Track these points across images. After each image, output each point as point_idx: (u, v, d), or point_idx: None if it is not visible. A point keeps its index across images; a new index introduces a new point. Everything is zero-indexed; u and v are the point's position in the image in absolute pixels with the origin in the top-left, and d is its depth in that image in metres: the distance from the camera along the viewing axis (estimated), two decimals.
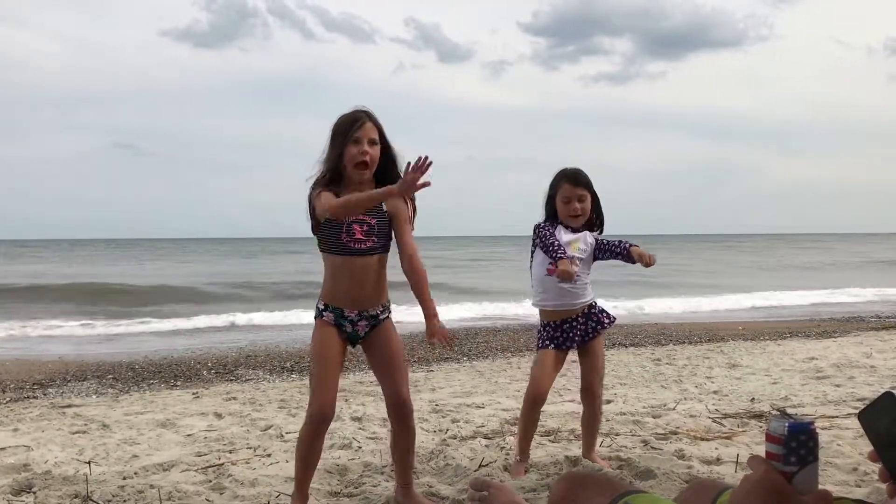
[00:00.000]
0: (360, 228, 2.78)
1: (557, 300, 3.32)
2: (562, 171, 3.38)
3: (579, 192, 3.31)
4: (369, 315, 2.86)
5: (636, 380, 6.05)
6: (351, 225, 2.77)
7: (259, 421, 4.71)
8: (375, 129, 2.78)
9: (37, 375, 7.17)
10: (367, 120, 2.78)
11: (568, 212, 3.32)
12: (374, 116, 2.81)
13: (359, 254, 2.79)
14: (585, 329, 3.35)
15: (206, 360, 8.11)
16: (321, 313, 2.85)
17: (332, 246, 2.80)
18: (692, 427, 4.17)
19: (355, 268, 2.80)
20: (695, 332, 10.16)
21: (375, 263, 2.83)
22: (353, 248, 2.78)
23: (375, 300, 2.87)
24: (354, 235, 2.77)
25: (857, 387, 5.33)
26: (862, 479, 3.04)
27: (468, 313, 14.26)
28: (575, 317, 3.33)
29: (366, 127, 2.76)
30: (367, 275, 2.82)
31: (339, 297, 2.83)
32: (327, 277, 2.86)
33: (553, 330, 3.35)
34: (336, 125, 2.81)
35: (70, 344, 10.25)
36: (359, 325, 2.85)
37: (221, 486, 3.23)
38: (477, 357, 8.10)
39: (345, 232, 2.77)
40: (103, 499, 3.06)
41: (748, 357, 7.27)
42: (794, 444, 1.10)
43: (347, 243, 2.77)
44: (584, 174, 3.36)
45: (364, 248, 2.79)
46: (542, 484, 3.09)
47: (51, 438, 4.34)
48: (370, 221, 2.80)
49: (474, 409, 4.87)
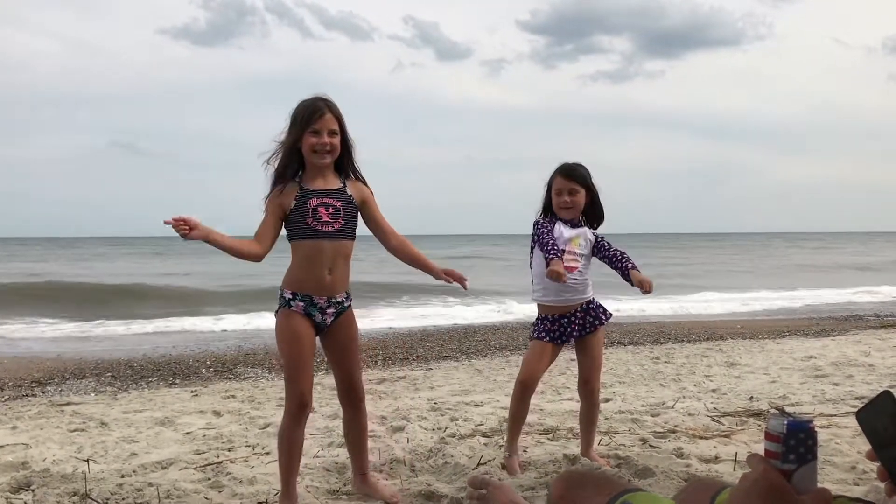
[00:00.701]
0: (325, 211, 2.80)
1: (557, 296, 3.33)
2: (560, 165, 3.41)
3: (570, 186, 3.32)
4: (336, 302, 2.88)
5: (635, 378, 6.05)
6: (316, 209, 2.79)
7: (258, 419, 4.71)
8: (335, 120, 2.80)
9: (35, 373, 7.17)
10: (328, 111, 2.78)
11: (558, 204, 3.35)
12: (334, 106, 2.82)
13: (327, 237, 2.80)
14: (583, 324, 3.36)
15: (205, 359, 8.11)
16: (289, 303, 2.84)
17: (300, 231, 2.81)
18: (691, 425, 4.17)
19: (325, 251, 2.81)
20: (693, 330, 10.16)
21: (343, 248, 2.86)
22: (322, 231, 2.80)
23: (342, 286, 2.89)
24: (321, 218, 2.79)
25: (855, 385, 5.33)
26: (860, 477, 3.04)
27: (467, 311, 14.26)
28: (573, 311, 3.34)
29: (325, 118, 2.77)
30: (336, 259, 2.84)
31: (307, 283, 2.84)
32: (295, 266, 2.87)
33: (551, 323, 3.35)
34: (295, 112, 2.81)
35: (68, 342, 10.25)
36: (327, 313, 2.87)
37: (220, 484, 3.22)
38: (476, 355, 8.10)
39: (311, 216, 2.78)
40: (102, 497, 3.06)
41: (747, 356, 7.28)
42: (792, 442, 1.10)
43: (315, 226, 2.79)
44: (581, 169, 3.38)
45: (332, 231, 2.81)
46: (541, 482, 3.09)
47: (49, 436, 4.33)
48: (335, 204, 2.83)
49: (473, 408, 4.87)
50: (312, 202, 2.79)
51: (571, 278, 3.24)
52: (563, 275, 3.07)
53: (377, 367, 7.40)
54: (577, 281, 3.29)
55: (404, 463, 3.52)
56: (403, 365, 7.48)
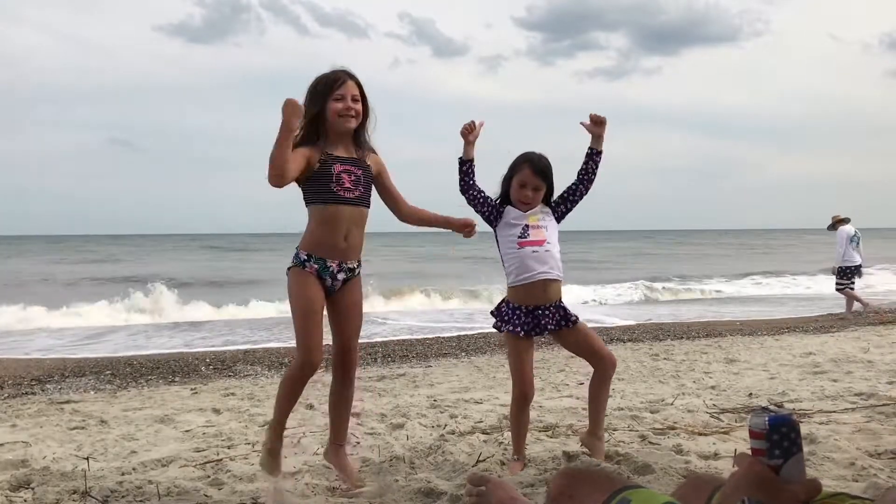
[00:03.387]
0: (348, 178, 2.86)
1: (528, 272, 3.21)
2: (526, 154, 3.31)
3: (536, 182, 3.26)
4: (348, 268, 2.94)
5: (634, 375, 6.06)
6: (340, 175, 2.85)
7: (257, 416, 4.72)
8: (357, 87, 2.88)
9: (35, 371, 7.17)
10: (349, 78, 2.87)
11: (519, 196, 3.28)
12: (354, 75, 2.90)
13: (348, 203, 2.87)
14: (558, 319, 3.26)
15: (205, 356, 8.11)
16: (303, 263, 2.88)
17: (322, 195, 2.85)
18: (690, 422, 4.17)
19: (343, 217, 2.87)
20: (692, 327, 10.17)
21: (361, 215, 2.93)
22: (343, 198, 2.86)
23: (355, 253, 2.95)
24: (344, 184, 2.85)
25: (854, 382, 5.33)
26: (859, 473, 3.05)
27: (466, 307, 14.28)
28: (547, 306, 3.25)
29: (348, 84, 2.85)
30: (352, 226, 2.90)
31: (324, 247, 2.88)
32: (313, 228, 2.90)
33: (525, 315, 3.25)
34: (315, 83, 2.87)
35: (67, 339, 10.25)
36: (338, 279, 2.92)
37: (220, 482, 3.23)
38: (475, 353, 8.10)
39: (334, 181, 2.84)
40: (102, 494, 3.06)
41: (746, 352, 7.28)
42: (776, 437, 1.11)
43: (338, 192, 2.85)
44: (548, 163, 3.31)
45: (353, 198, 2.88)
46: (540, 479, 3.09)
47: (49, 434, 4.34)
48: (357, 172, 2.90)
49: (472, 405, 4.88)
50: (337, 168, 2.85)
51: (544, 249, 3.22)
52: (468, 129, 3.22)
53: (376, 364, 7.41)
54: (549, 252, 3.23)
55: (404, 460, 3.52)
56: (403, 362, 7.49)
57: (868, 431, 3.78)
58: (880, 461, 3.27)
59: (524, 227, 3.26)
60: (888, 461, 3.28)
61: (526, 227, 3.26)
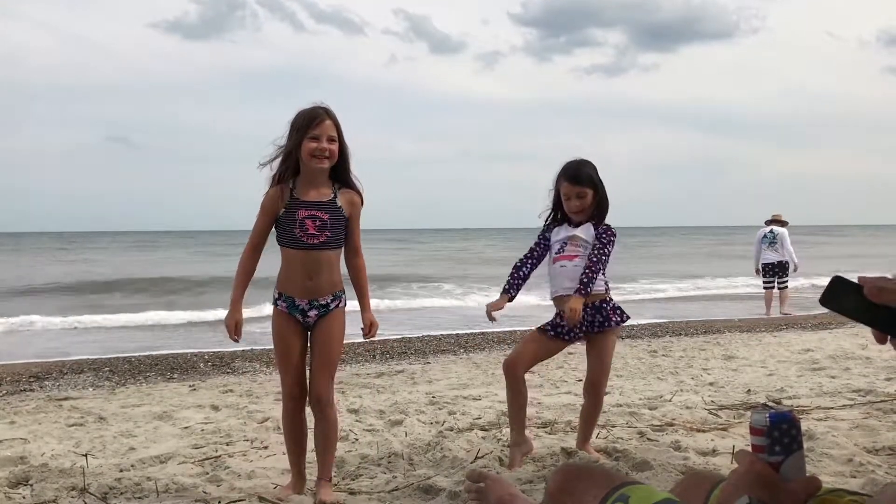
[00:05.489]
0: (312, 224, 2.88)
1: (558, 285, 3.36)
2: (564, 168, 3.40)
3: (577, 190, 3.34)
4: (319, 304, 2.95)
5: (632, 371, 6.06)
6: (304, 221, 2.87)
7: (256, 413, 4.72)
8: (334, 127, 2.87)
9: (33, 368, 7.16)
10: (327, 118, 2.86)
11: (569, 208, 3.39)
12: (333, 114, 2.90)
13: (311, 248, 2.89)
14: (592, 321, 3.34)
15: (203, 353, 8.10)
16: (276, 301, 2.99)
17: (286, 239, 2.91)
18: (688, 419, 4.18)
19: (307, 260, 2.90)
20: (691, 323, 10.18)
21: (327, 258, 2.93)
22: (306, 243, 2.88)
23: (327, 290, 2.95)
24: (308, 230, 2.88)
25: (852, 378, 5.34)
26: (857, 469, 3.05)
27: (465, 304, 14.28)
28: (583, 308, 3.30)
29: (325, 124, 2.85)
30: (319, 267, 2.92)
31: (291, 286, 2.94)
32: (282, 267, 2.98)
33: (560, 318, 3.36)
34: (295, 119, 2.89)
35: (66, 337, 10.24)
36: (309, 315, 2.95)
37: (218, 479, 3.23)
38: (474, 349, 8.10)
39: (298, 227, 2.87)
40: (100, 491, 3.06)
41: (744, 349, 7.29)
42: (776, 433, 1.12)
43: (300, 237, 2.88)
44: (586, 169, 3.37)
45: (317, 244, 2.89)
46: (539, 475, 3.10)
47: (47, 431, 4.34)
48: (322, 217, 2.90)
49: (471, 401, 4.88)
50: (301, 213, 2.87)
51: (572, 265, 3.31)
52: (497, 308, 3.30)
53: (375, 361, 7.41)
54: (578, 267, 3.31)
55: (402, 457, 3.52)
56: (401, 359, 7.48)
57: (866, 428, 3.79)
58: (878, 457, 3.28)
59: (563, 244, 3.37)
60: (886, 457, 3.29)
61: (565, 244, 3.37)
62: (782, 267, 11.42)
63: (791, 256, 11.40)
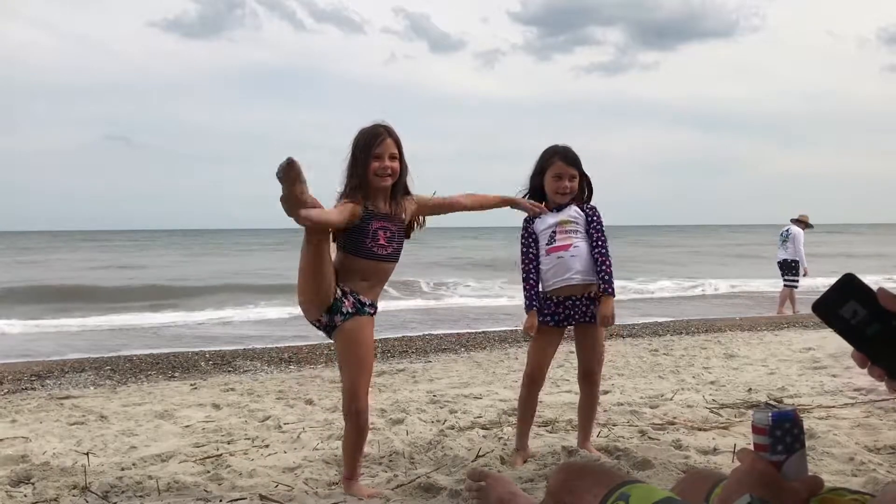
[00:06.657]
0: (384, 234, 2.95)
1: (556, 277, 3.33)
2: (553, 148, 3.40)
3: (571, 171, 3.34)
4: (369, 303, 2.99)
5: (633, 370, 6.06)
6: (377, 231, 2.93)
7: (257, 412, 4.72)
8: (395, 145, 2.95)
9: (34, 367, 7.16)
10: (388, 136, 2.94)
11: (557, 188, 3.35)
12: (393, 132, 2.97)
13: (382, 259, 2.97)
14: (585, 311, 3.34)
15: (204, 352, 8.11)
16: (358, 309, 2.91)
17: (357, 249, 2.93)
18: (689, 417, 4.18)
19: (373, 270, 2.97)
20: (692, 322, 10.17)
21: (388, 270, 3.04)
22: (377, 254, 2.95)
23: (374, 297, 3.03)
24: (379, 241, 2.94)
25: (853, 377, 5.34)
26: (858, 468, 3.05)
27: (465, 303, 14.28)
28: (579, 297, 3.32)
29: (386, 143, 2.92)
30: (382, 277, 3.02)
31: (356, 289, 2.97)
32: (344, 273, 2.94)
33: (555, 306, 3.34)
34: (357, 140, 2.96)
35: (66, 336, 10.25)
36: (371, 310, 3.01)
37: (220, 477, 3.23)
38: (475, 348, 8.10)
39: (370, 238, 2.92)
40: (101, 490, 3.07)
41: (745, 347, 7.29)
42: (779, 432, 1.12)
43: (372, 248, 2.93)
44: (575, 152, 3.40)
45: (386, 255, 2.98)
46: (540, 474, 3.10)
47: (49, 430, 4.34)
48: (392, 228, 2.98)
49: (472, 400, 4.88)
50: (375, 224, 2.92)
51: (569, 255, 3.29)
52: (534, 327, 3.30)
53: (376, 359, 7.41)
54: (574, 257, 3.30)
55: (403, 455, 3.52)
56: (402, 357, 7.49)
57: (867, 426, 3.79)
58: (879, 456, 3.28)
59: (552, 232, 3.35)
60: (887, 456, 3.29)
61: (554, 233, 3.34)
62: (788, 265, 11.40)
63: (801, 258, 11.30)
